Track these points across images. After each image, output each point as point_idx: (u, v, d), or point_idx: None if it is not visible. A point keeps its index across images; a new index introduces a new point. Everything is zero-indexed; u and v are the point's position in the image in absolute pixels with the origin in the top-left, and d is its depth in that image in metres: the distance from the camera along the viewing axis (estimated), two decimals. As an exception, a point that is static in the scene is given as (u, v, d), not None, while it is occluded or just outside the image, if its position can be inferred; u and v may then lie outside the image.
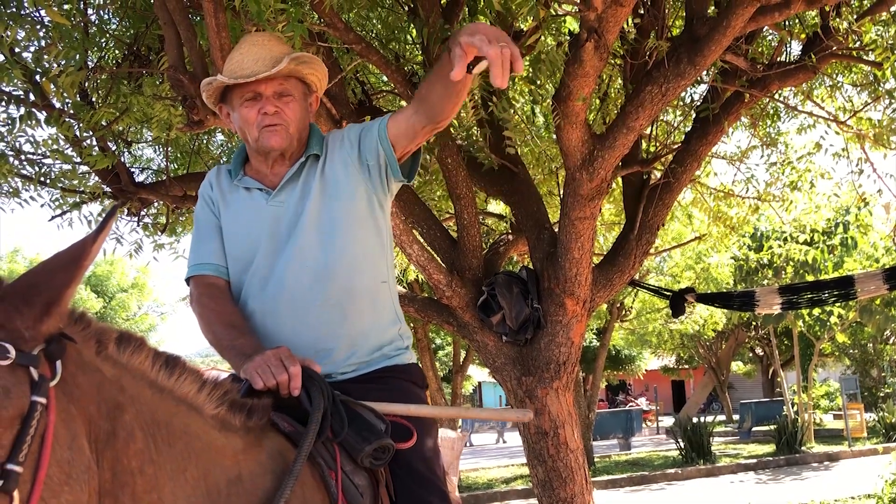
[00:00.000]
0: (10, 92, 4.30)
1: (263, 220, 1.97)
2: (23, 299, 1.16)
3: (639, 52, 4.44)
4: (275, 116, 1.95)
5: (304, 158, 2.01)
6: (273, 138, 1.95)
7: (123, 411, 1.29)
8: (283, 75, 1.95)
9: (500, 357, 4.55)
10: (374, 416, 1.75)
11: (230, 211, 2.03)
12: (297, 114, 1.99)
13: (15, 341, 1.12)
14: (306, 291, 1.91)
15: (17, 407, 1.09)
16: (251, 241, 1.97)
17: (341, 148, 2.04)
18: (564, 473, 4.40)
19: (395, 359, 2.01)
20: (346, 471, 1.67)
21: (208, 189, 2.08)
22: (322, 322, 1.91)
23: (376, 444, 1.67)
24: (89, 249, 1.22)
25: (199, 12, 3.58)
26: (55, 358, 1.18)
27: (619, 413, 20.78)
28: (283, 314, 1.91)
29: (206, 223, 2.06)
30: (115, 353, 1.35)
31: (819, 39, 4.54)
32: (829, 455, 15.56)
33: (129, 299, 22.65)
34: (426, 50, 4.24)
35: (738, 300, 6.24)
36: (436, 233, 4.69)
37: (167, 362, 1.44)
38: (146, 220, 5.64)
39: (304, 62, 1.99)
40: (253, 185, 2.02)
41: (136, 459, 1.29)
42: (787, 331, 19.98)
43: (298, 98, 2.00)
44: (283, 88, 1.96)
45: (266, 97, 1.95)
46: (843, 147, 6.27)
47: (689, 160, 4.71)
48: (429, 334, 14.04)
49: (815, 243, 14.90)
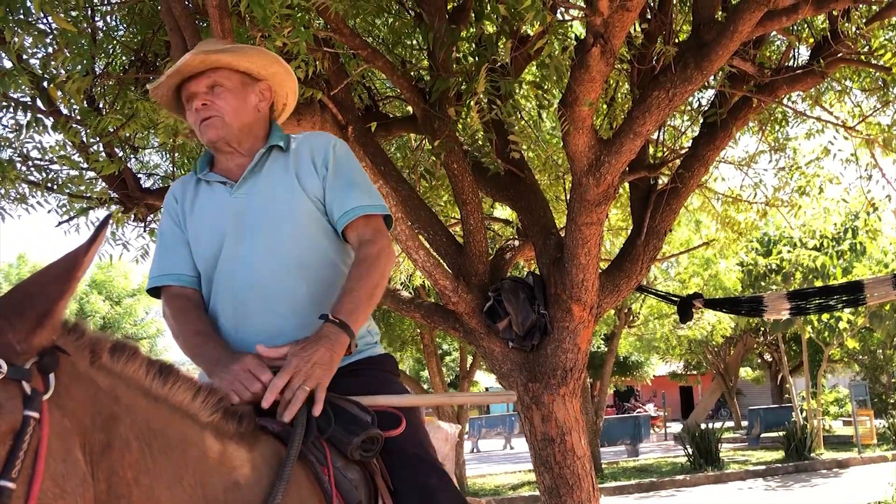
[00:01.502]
0: (18, 98, 4.31)
1: (227, 213, 1.95)
2: (15, 312, 1.15)
3: (646, 57, 4.43)
4: (205, 109, 1.94)
5: (265, 149, 2.00)
6: (209, 130, 1.94)
7: (118, 422, 1.28)
8: (209, 68, 1.94)
9: (506, 363, 4.53)
10: (358, 409, 1.75)
11: (195, 214, 2.01)
12: (231, 103, 1.96)
13: (6, 355, 1.11)
14: (278, 282, 1.89)
15: (9, 422, 1.08)
16: (216, 234, 1.95)
17: (309, 159, 2.00)
18: (571, 480, 4.37)
19: (367, 352, 2.02)
20: (338, 466, 1.66)
21: (172, 203, 2.06)
22: (293, 312, 1.89)
23: (363, 435, 1.67)
24: (82, 260, 1.21)
25: (205, 18, 3.59)
26: (48, 371, 1.16)
27: (627, 419, 20.68)
28: (254, 304, 1.89)
29: (171, 235, 2.04)
30: (109, 363, 1.34)
31: (828, 44, 4.52)
32: (838, 462, 15.45)
33: (136, 304, 22.71)
34: (432, 55, 4.23)
35: (747, 306, 6.20)
36: (442, 238, 4.68)
37: (161, 370, 1.43)
38: (153, 226, 5.65)
39: (229, 52, 1.96)
40: (214, 178, 2.01)
41: (131, 470, 1.28)
42: (795, 336, 19.88)
43: (232, 88, 1.97)
44: (211, 81, 1.95)
45: (198, 94, 1.95)
46: (852, 152, 6.23)
47: (696, 165, 4.69)
48: (435, 340, 14.01)
49: (824, 248, 14.83)
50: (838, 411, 25.42)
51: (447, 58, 4.19)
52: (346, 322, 1.77)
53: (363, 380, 1.92)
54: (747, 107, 4.71)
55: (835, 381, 29.33)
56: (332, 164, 1.99)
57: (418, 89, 4.39)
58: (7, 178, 4.44)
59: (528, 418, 4.49)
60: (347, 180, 1.99)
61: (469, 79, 4.15)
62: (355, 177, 2.02)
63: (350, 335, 1.77)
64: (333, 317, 1.77)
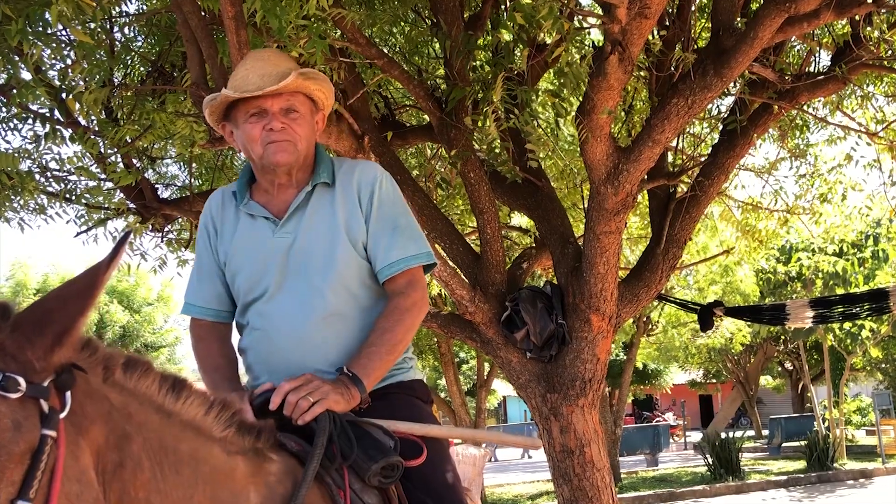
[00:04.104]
0: (37, 110, 4.34)
1: (269, 252, 1.92)
2: (35, 329, 1.14)
3: (664, 64, 4.39)
4: (282, 133, 1.88)
5: (310, 187, 1.94)
6: (280, 154, 1.88)
7: (131, 441, 1.27)
8: (290, 91, 1.89)
9: (524, 374, 4.49)
10: (382, 434, 1.73)
11: (235, 244, 1.98)
12: (304, 130, 1.92)
13: (26, 373, 1.10)
14: (312, 333, 1.88)
15: (27, 441, 1.07)
16: (256, 271, 1.93)
17: (355, 195, 1.95)
18: (591, 493, 4.32)
19: (400, 376, 1.99)
20: (355, 489, 1.64)
21: (209, 222, 2.03)
22: (327, 363, 1.87)
23: (383, 462, 1.65)
24: (101, 278, 1.20)
25: (221, 29, 3.59)
26: (65, 389, 1.16)
27: (646, 428, 20.51)
28: (288, 353, 1.88)
29: (206, 263, 2.03)
30: (122, 379, 1.33)
31: (849, 49, 4.46)
32: (862, 472, 15.22)
33: (154, 313, 22.82)
34: (448, 63, 4.21)
35: (769, 314, 6.13)
36: (458, 248, 4.65)
37: (174, 385, 1.42)
38: (170, 236, 5.67)
39: (310, 78, 1.92)
40: (258, 212, 1.96)
41: (143, 490, 1.27)
42: (816, 345, 19.64)
43: (305, 115, 1.93)
44: (289, 104, 1.89)
45: (272, 113, 1.88)
46: (874, 158, 6.15)
47: (716, 173, 4.64)
48: (452, 348, 13.97)
49: (845, 255, 14.65)
50: (861, 421, 25.10)
51: (463, 66, 4.17)
52: (360, 377, 1.76)
53: (391, 404, 1.89)
54: (768, 114, 4.65)
55: (857, 389, 28.95)
56: (377, 203, 1.95)
57: (435, 98, 4.37)
58: (26, 189, 4.47)
59: (546, 429, 4.44)
60: (392, 224, 1.95)
61: (486, 87, 4.13)
62: (399, 220, 1.97)
63: (361, 390, 1.75)
64: (348, 369, 1.77)
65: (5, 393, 1.07)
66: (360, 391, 1.75)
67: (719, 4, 4.06)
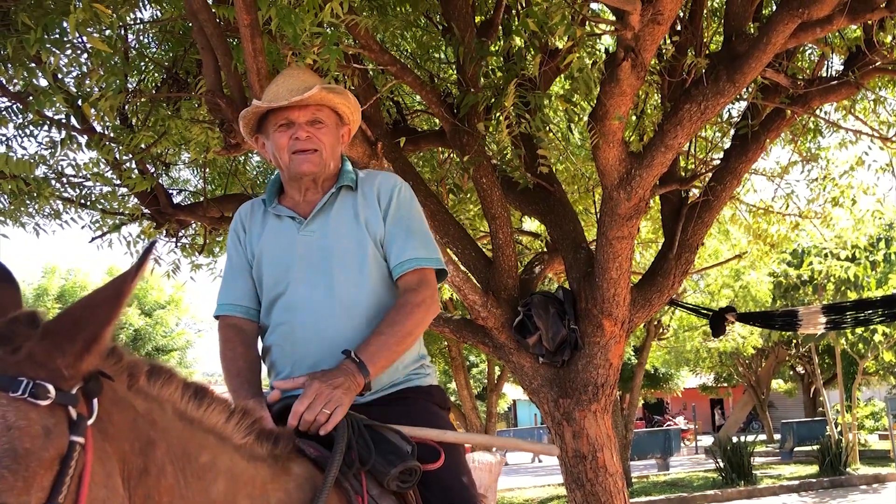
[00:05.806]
0: (53, 116, 4.38)
1: (294, 249, 2.01)
2: (65, 337, 1.16)
3: (676, 70, 4.39)
4: (307, 142, 1.99)
5: (335, 189, 2.05)
6: (305, 164, 1.99)
7: (155, 447, 1.30)
8: (316, 103, 2.00)
9: (536, 379, 4.49)
10: (399, 438, 1.76)
11: (262, 242, 2.07)
12: (329, 140, 2.03)
13: (55, 380, 1.12)
14: (335, 326, 1.93)
15: (56, 448, 1.09)
16: (281, 268, 2.01)
17: (375, 198, 2.05)
18: (604, 498, 4.32)
19: (416, 381, 2.03)
20: (373, 494, 1.66)
21: (239, 226, 2.13)
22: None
23: (401, 466, 1.67)
24: (129, 286, 1.22)
25: (236, 36, 3.62)
26: (93, 396, 1.18)
27: (658, 432, 20.40)
28: (312, 345, 1.94)
29: (236, 262, 2.11)
30: (146, 386, 1.35)
31: (862, 54, 4.44)
32: (876, 477, 15.11)
33: (166, 315, 22.91)
34: (461, 69, 4.23)
35: (781, 320, 6.11)
36: (470, 253, 4.66)
37: (196, 393, 1.45)
38: (184, 241, 5.71)
39: (336, 92, 2.03)
40: (285, 212, 2.06)
41: (167, 496, 1.29)
42: (829, 348, 19.53)
43: (331, 126, 2.04)
44: (315, 116, 2.01)
45: (299, 124, 2.00)
46: (886, 162, 6.12)
47: (728, 178, 4.63)
48: (463, 352, 13.97)
49: (857, 259, 14.55)
50: (874, 425, 24.90)
51: (476, 72, 4.19)
52: (365, 364, 1.79)
53: (408, 409, 1.94)
54: (780, 118, 4.64)
55: (870, 393, 28.75)
56: (394, 207, 2.05)
57: (447, 104, 4.39)
58: (42, 194, 4.51)
59: (558, 434, 4.44)
60: (407, 227, 2.04)
61: (498, 93, 4.15)
62: (414, 224, 2.06)
63: (365, 376, 1.79)
64: (355, 355, 1.80)
65: (35, 400, 1.09)
66: (364, 377, 1.78)
67: (732, 10, 4.07)
